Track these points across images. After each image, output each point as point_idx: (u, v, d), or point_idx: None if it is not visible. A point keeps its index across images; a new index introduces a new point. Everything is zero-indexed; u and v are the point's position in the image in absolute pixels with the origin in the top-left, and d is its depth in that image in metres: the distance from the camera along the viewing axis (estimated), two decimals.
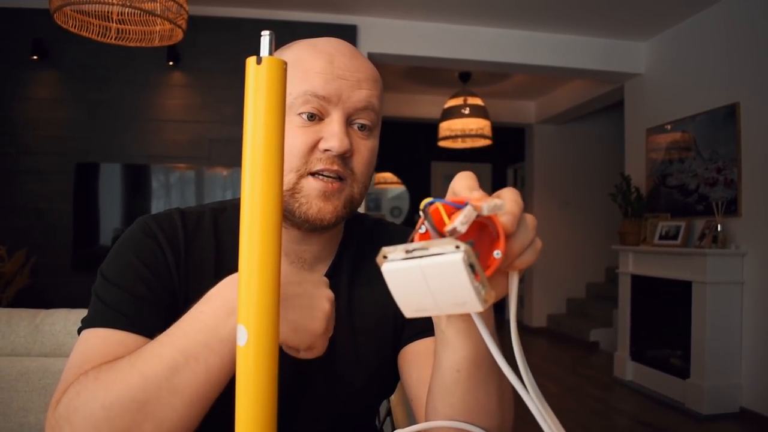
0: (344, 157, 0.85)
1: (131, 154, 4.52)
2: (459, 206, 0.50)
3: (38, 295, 4.15)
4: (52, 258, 4.34)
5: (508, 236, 0.52)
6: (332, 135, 0.83)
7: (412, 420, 0.73)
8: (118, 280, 0.82)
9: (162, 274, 0.85)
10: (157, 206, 4.54)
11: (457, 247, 0.46)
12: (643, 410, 4.35)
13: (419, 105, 7.40)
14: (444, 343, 0.69)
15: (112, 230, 4.48)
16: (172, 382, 0.63)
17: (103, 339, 0.77)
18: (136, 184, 4.57)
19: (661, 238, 4.72)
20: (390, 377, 0.99)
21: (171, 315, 0.72)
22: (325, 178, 0.85)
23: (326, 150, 0.84)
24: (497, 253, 0.51)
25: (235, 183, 4.55)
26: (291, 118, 0.84)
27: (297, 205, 0.85)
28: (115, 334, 0.77)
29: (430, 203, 0.51)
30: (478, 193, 0.53)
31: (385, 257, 0.49)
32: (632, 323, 5.04)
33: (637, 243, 5.01)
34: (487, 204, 0.50)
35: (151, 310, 0.81)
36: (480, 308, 0.49)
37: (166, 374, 0.63)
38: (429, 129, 7.29)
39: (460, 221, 0.49)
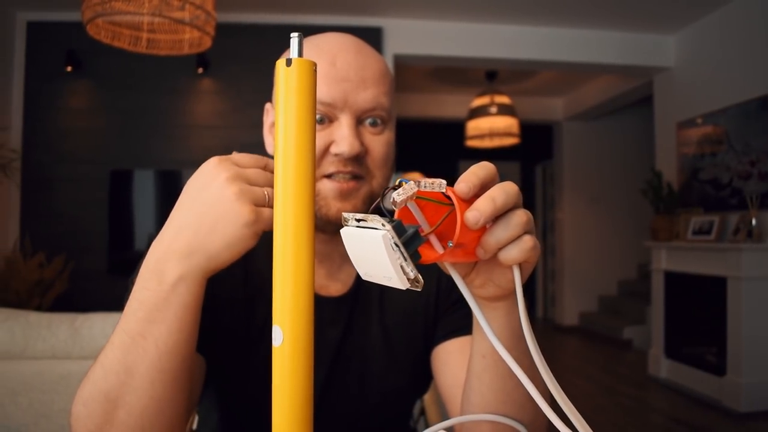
0: (358, 158, 0.84)
1: (163, 160, 4.60)
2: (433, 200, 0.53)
3: (76, 299, 4.24)
4: (88, 263, 4.44)
5: (470, 221, 0.50)
6: (342, 139, 0.82)
7: (446, 418, 0.74)
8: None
9: None
10: None
11: (383, 225, 0.47)
12: (678, 408, 4.29)
13: (446, 105, 7.38)
14: (475, 329, 0.70)
15: (146, 235, 4.56)
16: (126, 365, 0.63)
17: None
18: (169, 189, 4.65)
19: (694, 233, 4.65)
20: (422, 376, 0.99)
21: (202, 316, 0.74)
22: (341, 180, 0.84)
23: (337, 154, 0.83)
24: (449, 244, 0.51)
25: None
26: None
27: (317, 208, 0.84)
28: None
29: (406, 181, 0.51)
30: (464, 184, 0.52)
31: (345, 221, 0.51)
32: (666, 320, 4.97)
33: (669, 239, 4.94)
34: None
35: None
36: (401, 287, 0.49)
37: (119, 358, 0.63)
38: (456, 129, 7.26)
39: (397, 193, 0.50)
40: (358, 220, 0.50)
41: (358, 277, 0.94)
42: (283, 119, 0.46)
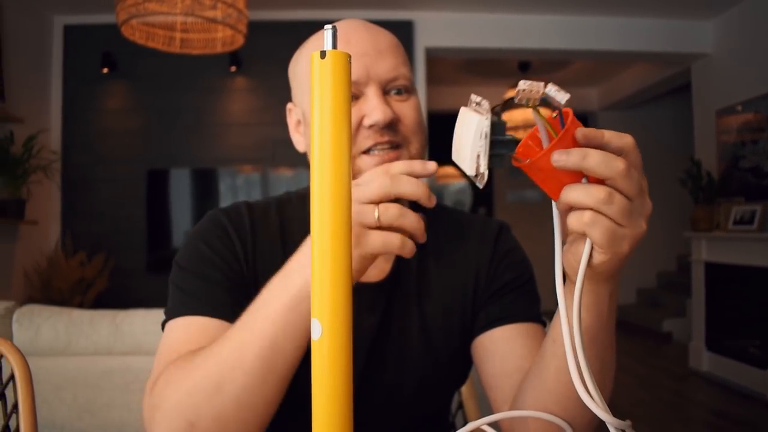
0: (392, 126, 0.85)
1: (199, 158, 4.66)
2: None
3: (116, 296, 4.33)
4: (127, 261, 4.52)
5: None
6: (373, 109, 0.84)
7: (484, 412, 0.74)
8: (191, 269, 0.86)
9: (231, 260, 0.87)
10: None
11: (488, 116, 0.51)
12: (721, 402, 4.21)
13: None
14: (556, 314, 0.70)
15: (183, 233, 4.63)
16: (241, 359, 0.67)
17: (184, 327, 0.81)
18: (205, 187, 4.71)
19: (735, 223, 4.55)
20: (459, 366, 0.98)
21: (244, 299, 0.75)
22: (380, 152, 0.85)
23: (372, 125, 0.84)
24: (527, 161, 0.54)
25: (300, 183, 4.62)
26: None
27: None
28: (195, 320, 0.81)
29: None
30: (587, 130, 0.54)
31: (470, 103, 0.56)
32: (707, 312, 4.87)
33: (709, 229, 4.83)
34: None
35: (225, 294, 0.84)
36: (469, 171, 0.53)
37: (234, 353, 0.67)
38: None
39: (524, 81, 0.52)
40: (478, 104, 0.54)
41: (395, 263, 0.95)
42: (319, 111, 0.46)
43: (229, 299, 0.83)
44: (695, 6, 4.76)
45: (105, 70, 4.56)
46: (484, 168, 0.52)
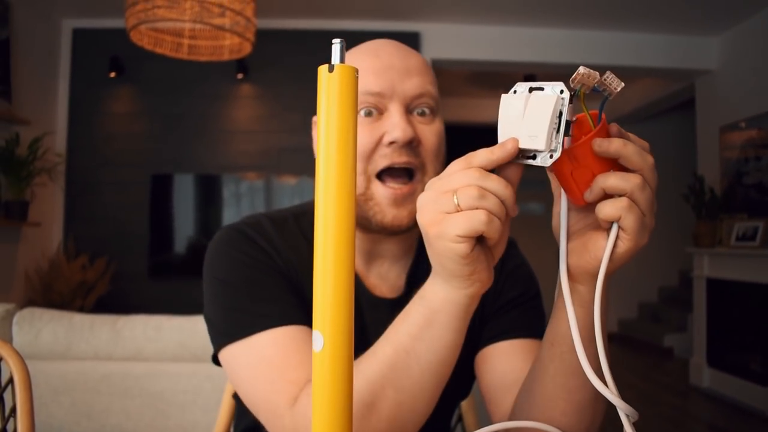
0: (411, 146, 0.84)
1: (203, 164, 4.67)
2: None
3: (116, 301, 4.33)
4: (129, 265, 4.52)
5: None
6: (394, 126, 0.82)
7: (483, 425, 0.74)
8: (246, 283, 0.83)
9: (275, 271, 0.85)
10: (228, 215, 4.66)
11: (562, 91, 0.53)
12: (722, 418, 4.19)
13: (483, 109, 7.34)
14: (552, 314, 0.71)
15: (185, 238, 4.63)
16: (391, 378, 0.67)
17: (273, 341, 0.78)
18: (208, 193, 4.72)
19: (737, 239, 4.54)
20: (465, 381, 0.99)
21: (301, 300, 0.77)
22: (394, 185, 0.84)
23: (391, 142, 0.82)
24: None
25: (304, 191, 4.63)
26: None
27: (372, 213, 0.85)
28: (280, 332, 0.78)
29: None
30: (619, 132, 0.58)
31: (514, 91, 0.58)
32: (708, 328, 4.85)
33: (712, 245, 4.82)
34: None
35: (291, 297, 0.82)
36: (542, 147, 0.53)
37: (383, 371, 0.67)
38: (493, 133, 7.17)
39: (583, 67, 0.54)
40: (532, 89, 0.56)
41: (407, 279, 0.95)
42: (325, 124, 0.46)
43: (295, 300, 0.82)
44: (700, 22, 4.77)
45: (112, 75, 4.58)
46: (556, 145, 0.53)
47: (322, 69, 0.46)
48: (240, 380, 0.79)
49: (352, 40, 0.90)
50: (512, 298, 0.96)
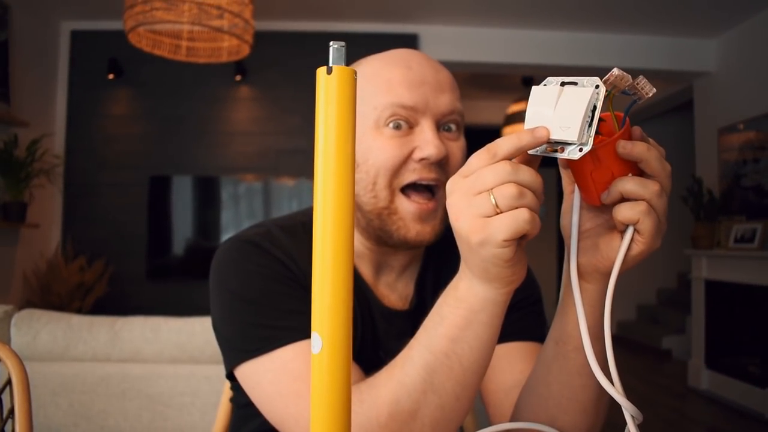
0: (440, 164, 0.83)
1: (202, 166, 4.67)
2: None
3: (114, 302, 4.32)
4: (127, 267, 4.52)
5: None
6: (427, 143, 0.81)
7: (482, 427, 0.74)
8: (265, 295, 0.81)
9: (293, 281, 0.83)
10: (226, 217, 4.67)
11: (597, 87, 0.54)
12: (720, 421, 4.18)
13: (481, 111, 7.34)
14: (557, 312, 0.71)
15: (184, 240, 4.62)
16: (433, 383, 0.67)
17: (298, 354, 0.76)
18: (207, 195, 4.71)
19: (736, 241, 4.54)
20: None
21: None
22: (419, 200, 0.83)
23: (422, 159, 0.82)
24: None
25: (302, 193, 4.63)
26: (380, 130, 0.83)
27: (395, 228, 0.84)
28: (305, 345, 0.76)
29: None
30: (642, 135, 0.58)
31: (545, 84, 0.58)
32: (707, 330, 4.85)
33: (710, 247, 4.83)
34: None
35: (309, 312, 0.81)
36: (573, 138, 0.53)
37: (423, 377, 0.67)
38: (492, 135, 7.16)
39: (618, 68, 0.55)
40: (565, 83, 0.56)
41: (415, 290, 0.96)
42: (323, 127, 0.46)
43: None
44: (699, 24, 4.77)
45: (111, 76, 4.58)
46: (587, 138, 0.53)
47: (321, 71, 0.46)
48: (264, 396, 0.78)
49: (350, 41, 0.90)
50: (515, 302, 0.95)
